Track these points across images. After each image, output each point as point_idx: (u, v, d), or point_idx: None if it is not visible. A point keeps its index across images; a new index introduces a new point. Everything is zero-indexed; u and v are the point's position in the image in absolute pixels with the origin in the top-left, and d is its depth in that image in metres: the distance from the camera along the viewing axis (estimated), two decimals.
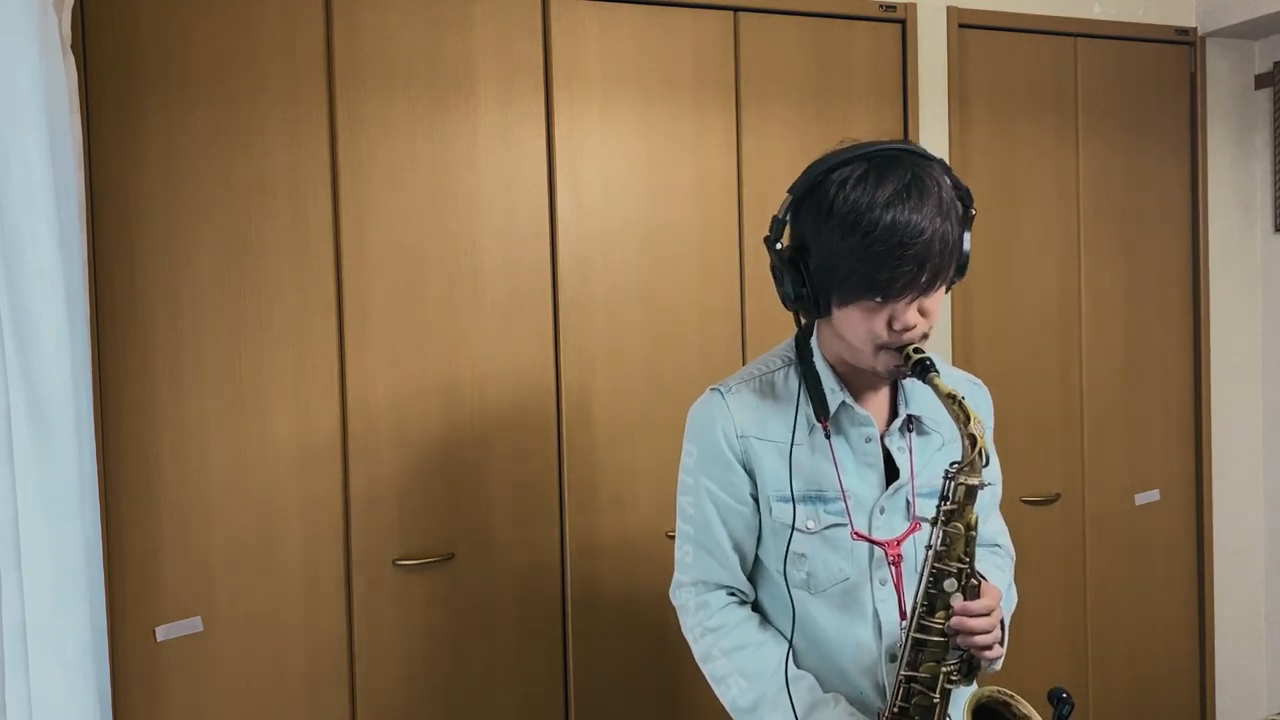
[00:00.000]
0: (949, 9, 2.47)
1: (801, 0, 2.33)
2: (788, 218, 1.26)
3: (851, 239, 1.16)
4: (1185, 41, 2.71)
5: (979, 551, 1.40)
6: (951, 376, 1.41)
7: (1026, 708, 1.24)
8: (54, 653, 1.38)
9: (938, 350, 2.35)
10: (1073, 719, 1.32)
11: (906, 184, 1.17)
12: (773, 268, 1.29)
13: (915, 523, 1.33)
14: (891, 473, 1.35)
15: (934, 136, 2.45)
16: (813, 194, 1.22)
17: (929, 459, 1.36)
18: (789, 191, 1.25)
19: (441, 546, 2.11)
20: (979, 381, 1.48)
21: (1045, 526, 2.60)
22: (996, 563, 1.44)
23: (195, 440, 1.94)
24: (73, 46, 1.69)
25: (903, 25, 2.43)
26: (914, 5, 2.44)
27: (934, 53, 2.46)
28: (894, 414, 1.37)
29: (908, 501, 1.34)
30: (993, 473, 1.43)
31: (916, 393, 1.37)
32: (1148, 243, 2.71)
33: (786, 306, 1.29)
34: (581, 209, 2.18)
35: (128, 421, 1.90)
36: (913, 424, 1.36)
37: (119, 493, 1.89)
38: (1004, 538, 1.50)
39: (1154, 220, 2.72)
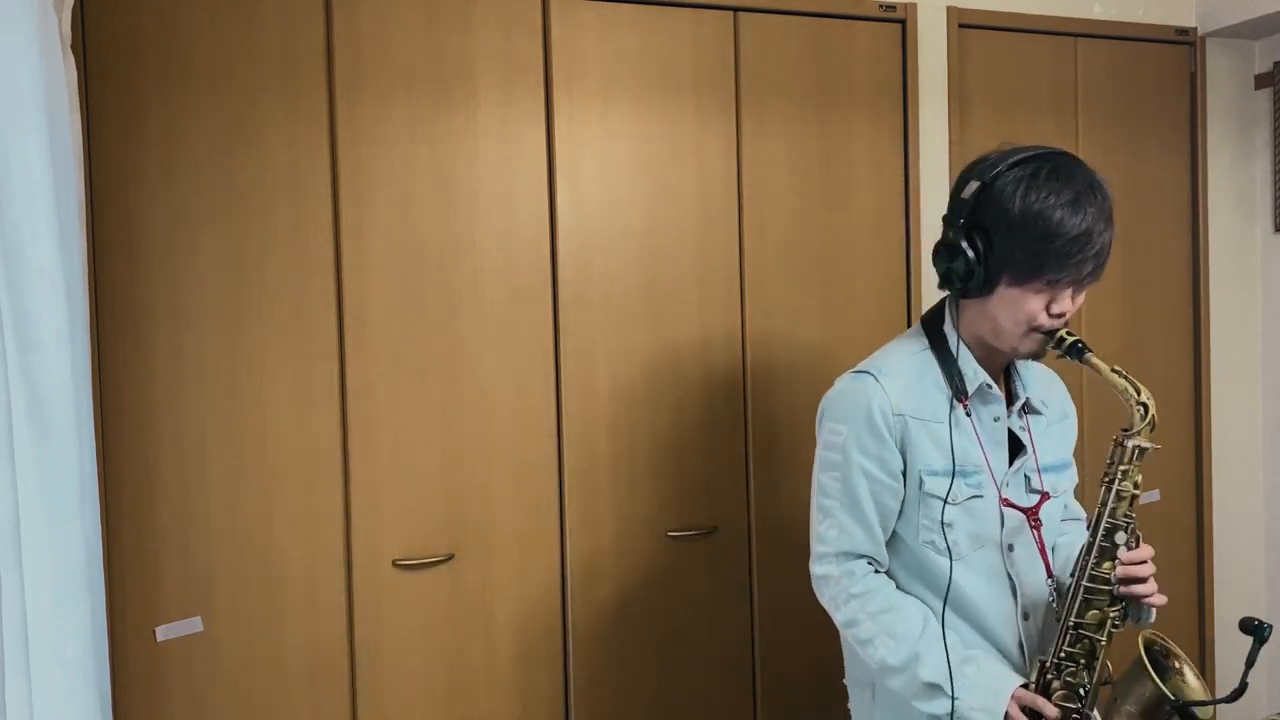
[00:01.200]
0: (949, 9, 2.47)
1: (801, 0, 2.33)
2: (971, 200, 1.39)
3: (1044, 227, 1.33)
4: (1185, 41, 2.71)
5: (1075, 525, 1.63)
6: (1033, 369, 1.59)
7: (1181, 654, 1.43)
8: (54, 653, 1.38)
9: None
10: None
11: (1090, 187, 1.37)
12: (945, 246, 1.42)
13: (1045, 494, 1.50)
14: (1012, 450, 1.50)
15: (934, 136, 2.45)
16: (997, 182, 1.37)
17: (1040, 437, 1.53)
18: (974, 177, 1.41)
19: (441, 546, 2.10)
20: (1054, 373, 1.64)
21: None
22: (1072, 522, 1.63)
23: (195, 440, 1.94)
24: (73, 46, 1.69)
25: (903, 25, 2.43)
26: (914, 5, 2.44)
27: (934, 53, 2.46)
28: (1011, 397, 1.53)
29: (1027, 476, 1.50)
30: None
31: (1029, 377, 1.55)
32: (1148, 243, 2.71)
33: (950, 282, 1.43)
34: (581, 209, 2.18)
35: (128, 421, 1.90)
36: (1026, 406, 1.53)
37: (119, 493, 1.89)
38: (1081, 511, 1.67)
39: (1154, 220, 2.72)
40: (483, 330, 2.12)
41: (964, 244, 1.39)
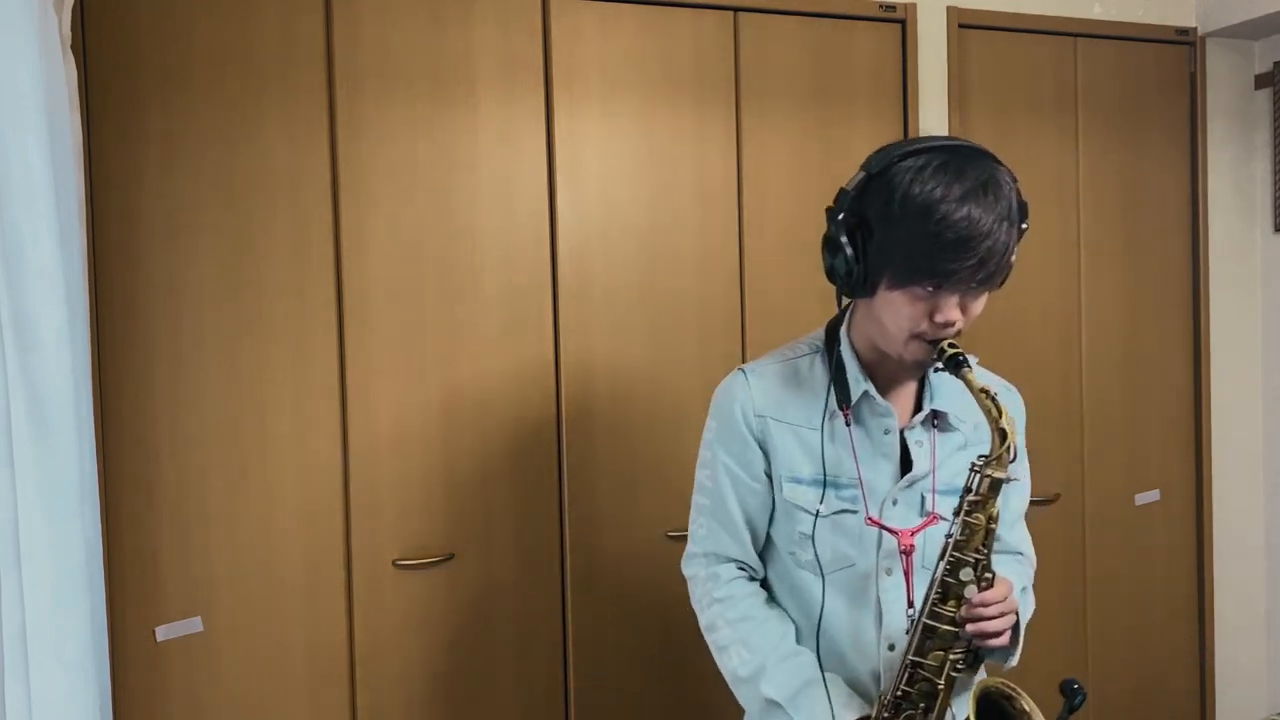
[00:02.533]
0: (949, 9, 2.47)
1: (801, 0, 2.33)
2: (855, 192, 1.26)
3: (923, 224, 1.18)
4: (1185, 41, 2.71)
5: (1002, 558, 1.43)
6: (985, 377, 1.40)
7: (1029, 703, 1.25)
8: (54, 653, 1.38)
9: None
10: (1073, 718, 1.32)
11: (983, 182, 1.19)
12: (828, 240, 1.30)
13: (932, 516, 1.34)
14: (908, 467, 1.36)
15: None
16: (886, 174, 1.22)
17: (949, 456, 1.37)
18: (863, 168, 1.26)
19: (441, 546, 2.10)
20: (1013, 387, 1.48)
21: (1045, 526, 2.60)
22: (1016, 570, 1.44)
23: (195, 440, 1.94)
24: (73, 46, 1.69)
25: (903, 25, 2.43)
26: (914, 5, 2.44)
27: (934, 53, 2.46)
28: (919, 408, 1.38)
29: (924, 496, 1.35)
30: (1025, 480, 1.45)
31: (943, 389, 1.38)
32: (1148, 242, 2.71)
33: (833, 281, 1.31)
34: (581, 208, 2.18)
35: (128, 421, 1.90)
36: (937, 420, 1.38)
37: (119, 493, 1.89)
38: (1027, 546, 1.50)
39: (1154, 220, 2.72)
40: (483, 329, 2.12)
41: (843, 239, 1.26)
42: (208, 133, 1.93)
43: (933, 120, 2.45)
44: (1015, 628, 1.30)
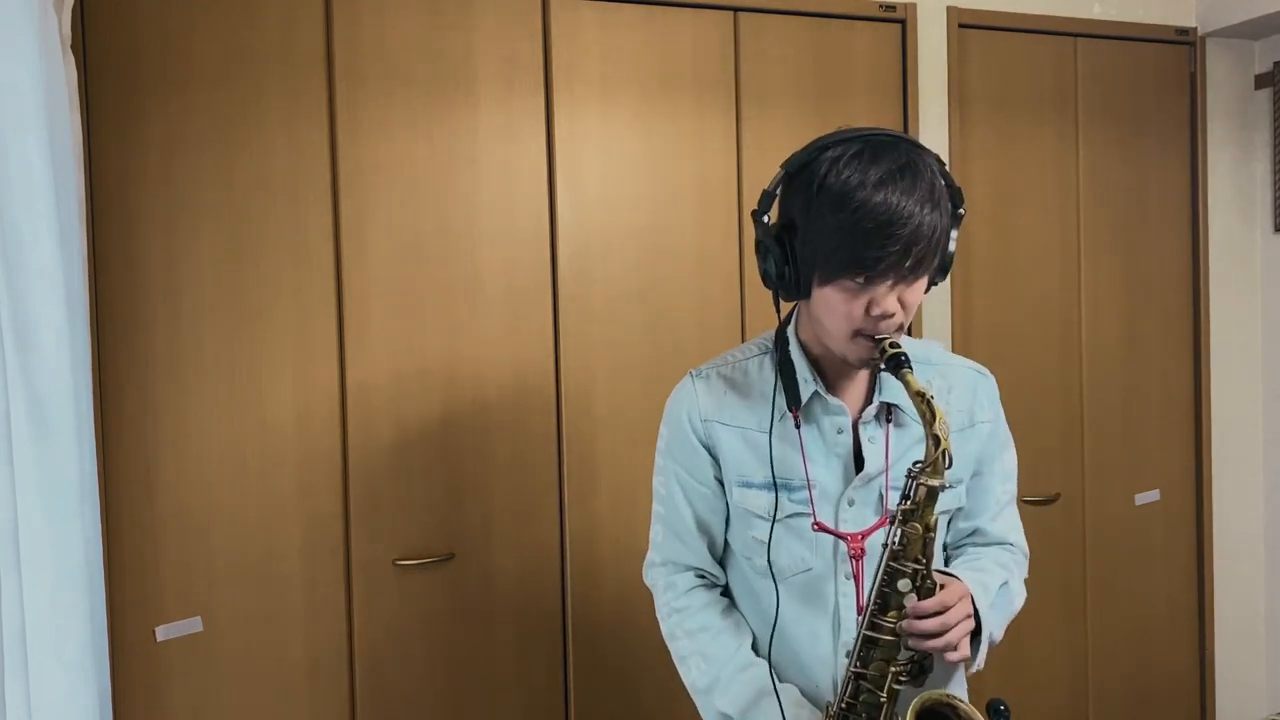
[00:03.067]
0: (949, 9, 2.47)
1: (801, 0, 2.33)
2: (777, 192, 1.24)
3: (840, 215, 1.15)
4: (1185, 41, 2.71)
5: (989, 549, 1.41)
6: (953, 364, 1.40)
7: (971, 711, 1.23)
8: (54, 653, 1.38)
9: None
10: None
11: (900, 166, 1.16)
12: (758, 244, 1.27)
13: (884, 517, 1.29)
14: (859, 465, 1.32)
15: (934, 136, 2.45)
16: (805, 170, 1.20)
17: (905, 451, 1.32)
18: (781, 166, 1.24)
19: (441, 546, 2.10)
20: (985, 370, 1.43)
21: (1045, 526, 2.60)
22: (1004, 560, 1.41)
23: (195, 440, 1.94)
24: (73, 46, 1.69)
25: (903, 25, 2.43)
26: (914, 5, 2.44)
27: (934, 53, 2.46)
28: (869, 400, 1.34)
29: (881, 494, 1.31)
30: (1008, 466, 1.43)
31: (894, 381, 1.32)
32: (1148, 243, 2.71)
33: (766, 285, 1.28)
34: (581, 208, 2.18)
35: (128, 421, 1.90)
36: (891, 415, 1.33)
37: (119, 493, 1.89)
38: (1016, 535, 1.47)
39: (1154, 220, 2.72)
40: (483, 329, 2.12)
41: (771, 241, 1.23)
42: (208, 132, 1.93)
43: (933, 120, 2.45)
44: (976, 632, 1.26)
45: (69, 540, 1.40)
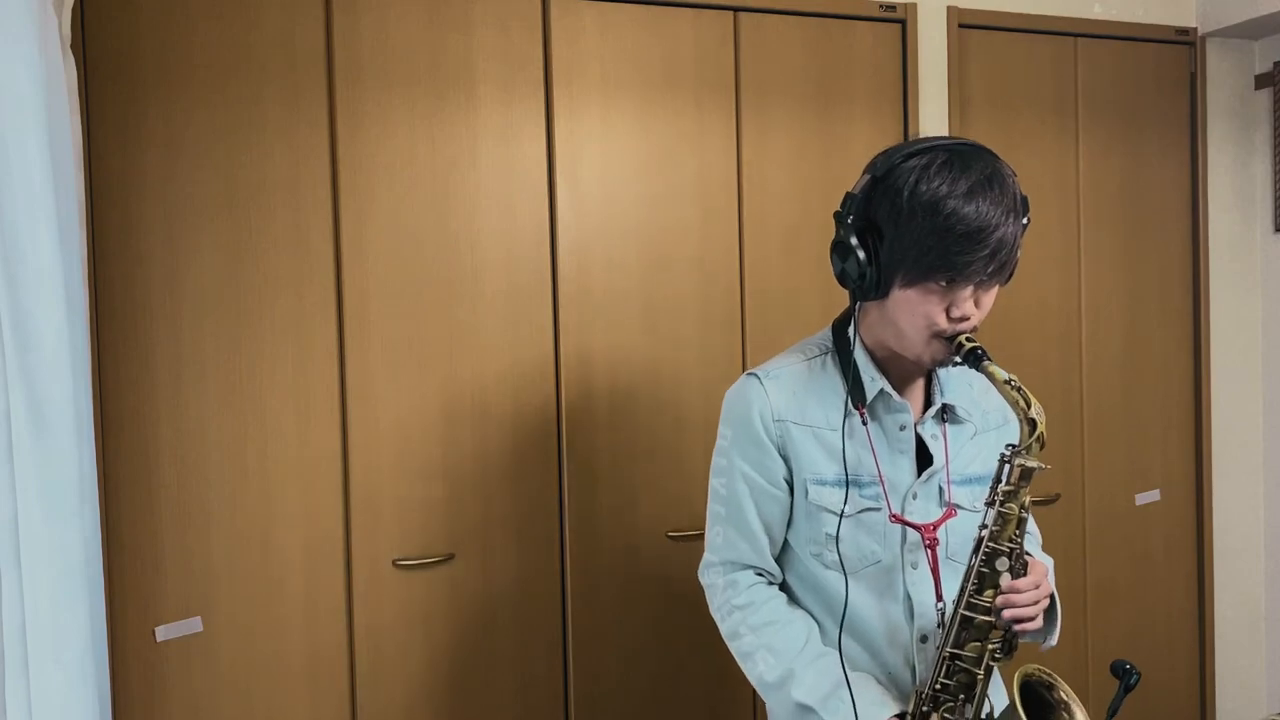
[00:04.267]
0: (949, 9, 2.47)
1: (801, 0, 2.33)
2: (863, 195, 1.28)
3: (932, 221, 1.21)
4: (1185, 41, 2.71)
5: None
6: (963, 372, 1.44)
7: (1067, 691, 1.28)
8: (53, 653, 1.38)
9: None
10: None
11: (988, 176, 1.23)
12: (837, 244, 1.32)
13: (950, 509, 1.37)
14: (923, 461, 1.38)
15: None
16: (891, 175, 1.25)
17: (961, 447, 1.40)
18: (868, 171, 1.29)
19: (441, 546, 2.10)
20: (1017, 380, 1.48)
21: (1045, 526, 2.56)
22: (1032, 544, 1.49)
23: (195, 440, 1.94)
24: (73, 46, 1.69)
25: (903, 25, 2.43)
26: (914, 5, 2.44)
27: (934, 53, 2.46)
28: (929, 403, 1.41)
29: (941, 488, 1.38)
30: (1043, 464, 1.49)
31: (951, 383, 1.42)
32: (1148, 242, 2.71)
33: (845, 284, 1.33)
34: (581, 208, 2.18)
35: (128, 421, 1.90)
36: (946, 413, 1.40)
37: (119, 493, 1.89)
38: (1032, 520, 1.51)
39: (1154, 220, 2.71)
40: (483, 329, 2.12)
41: (854, 242, 1.28)
42: (208, 133, 1.93)
43: (933, 120, 2.45)
44: (1051, 609, 1.34)
45: (69, 540, 1.40)
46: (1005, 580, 1.24)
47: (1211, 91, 2.74)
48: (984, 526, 1.26)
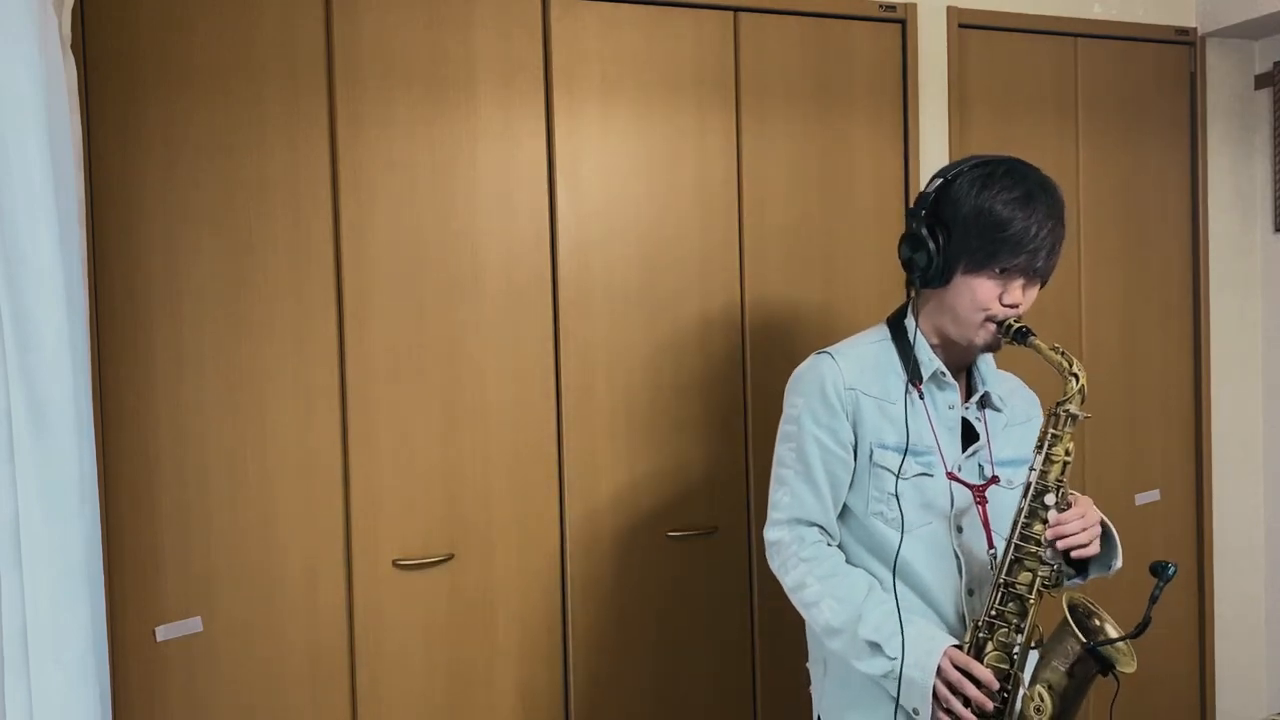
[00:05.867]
0: (949, 9, 2.47)
1: (801, 0, 2.33)
2: (934, 195, 1.52)
3: (995, 218, 1.46)
4: (1185, 41, 2.71)
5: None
6: (1006, 374, 1.70)
7: (1104, 615, 1.47)
8: (53, 653, 1.38)
9: None
10: None
11: (1042, 184, 1.52)
12: (909, 236, 1.53)
13: (994, 477, 1.58)
14: (967, 441, 1.59)
15: (934, 136, 2.45)
16: (960, 180, 1.50)
17: (997, 432, 1.61)
18: (938, 175, 1.54)
19: (441, 546, 2.10)
20: (1021, 381, 1.73)
21: None
22: None
23: (195, 440, 1.94)
24: (73, 46, 1.69)
25: (903, 25, 2.43)
26: (914, 5, 2.44)
27: (934, 53, 2.46)
28: (969, 391, 1.63)
29: (981, 465, 1.59)
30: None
31: (990, 376, 1.64)
32: (1148, 242, 2.71)
33: (911, 271, 1.54)
34: (581, 209, 2.18)
35: (128, 421, 1.90)
36: (986, 402, 1.62)
37: (119, 493, 1.89)
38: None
39: (1154, 220, 2.71)
40: (483, 330, 2.12)
41: (925, 234, 1.50)
42: (208, 133, 1.93)
43: (933, 120, 2.45)
44: (1107, 537, 1.52)
45: (69, 540, 1.40)
46: (1053, 515, 1.43)
47: (1211, 91, 2.74)
48: (1033, 469, 1.45)
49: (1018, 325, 1.49)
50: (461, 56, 2.09)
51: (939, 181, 1.53)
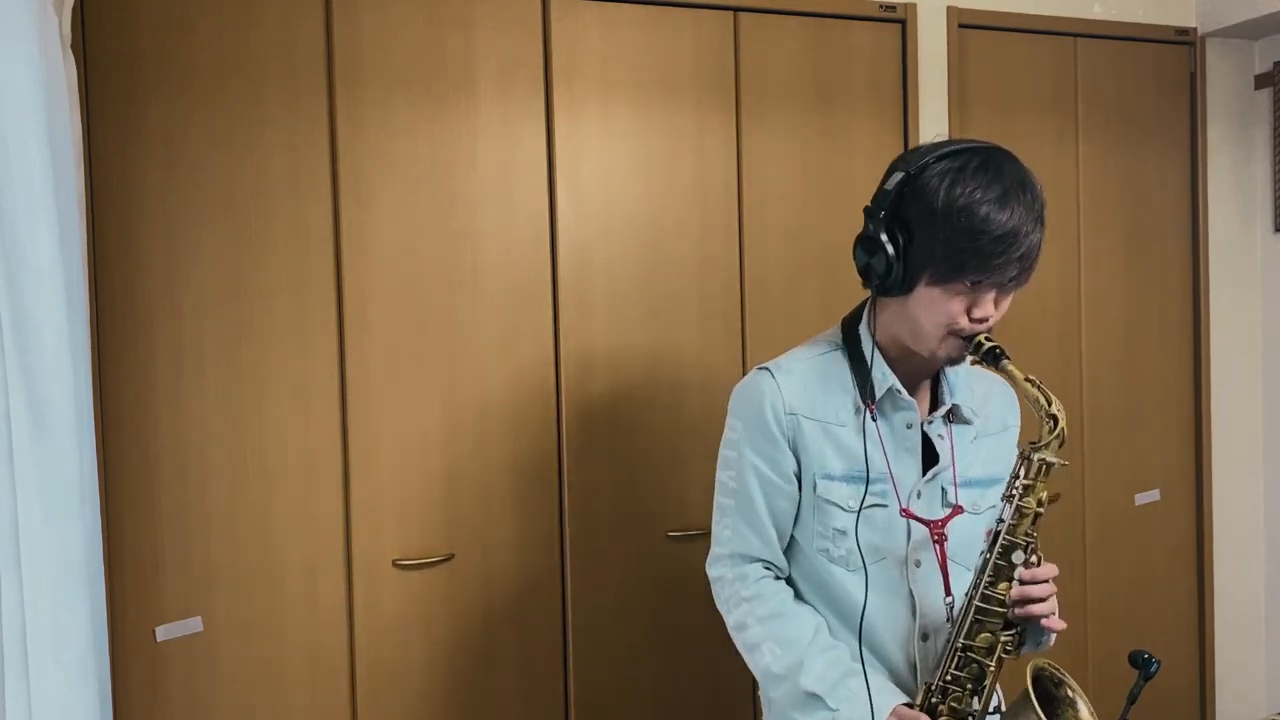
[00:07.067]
0: (949, 9, 2.47)
1: (801, 0, 2.33)
2: (895, 192, 1.29)
3: (967, 223, 1.22)
4: (1185, 41, 2.71)
5: None
6: (984, 373, 1.47)
7: (1075, 687, 1.31)
8: (53, 653, 1.38)
9: None
10: None
11: (1020, 182, 1.26)
12: (864, 239, 1.32)
13: (957, 508, 1.38)
14: (929, 460, 1.39)
15: (933, 137, 2.45)
16: (924, 175, 1.27)
17: (964, 449, 1.41)
18: (899, 168, 1.30)
19: (441, 546, 2.10)
20: (1001, 381, 1.50)
21: (1045, 526, 2.58)
22: None
23: (195, 440, 1.94)
24: (73, 46, 1.69)
25: (903, 25, 2.43)
26: (914, 5, 2.44)
27: (934, 53, 2.46)
28: (935, 403, 1.42)
29: (944, 489, 1.39)
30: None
31: (959, 384, 1.42)
32: (1148, 242, 2.71)
33: (868, 278, 1.34)
34: (581, 208, 2.18)
35: (128, 421, 1.90)
36: (952, 414, 1.41)
37: (119, 493, 1.89)
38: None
39: (1154, 220, 2.72)
40: (483, 330, 2.12)
41: (884, 238, 1.29)
42: (208, 133, 1.93)
43: (933, 120, 2.45)
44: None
45: (69, 540, 1.40)
46: (1021, 573, 1.26)
47: (1211, 91, 2.74)
48: (1000, 520, 1.28)
49: (989, 345, 1.27)
50: (461, 56, 2.09)
51: (900, 176, 1.29)
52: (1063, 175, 2.61)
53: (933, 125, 2.45)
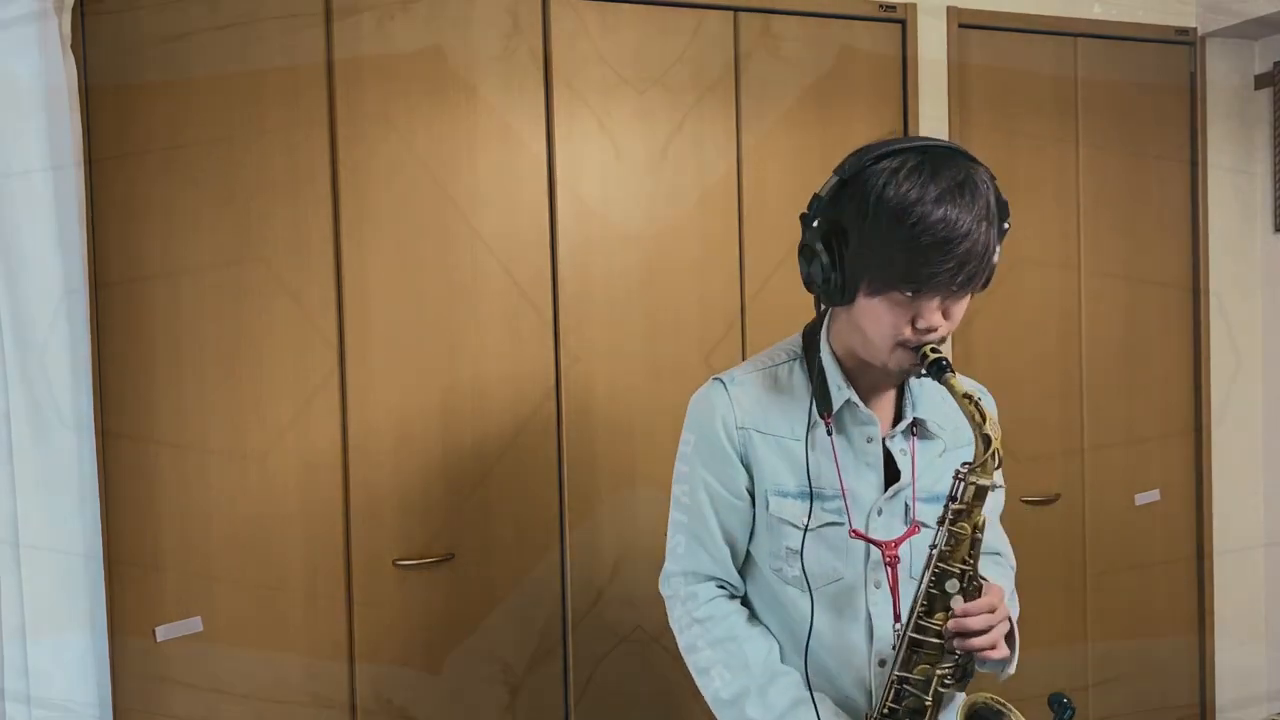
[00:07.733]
0: (949, 9, 2.47)
1: (801, 0, 2.33)
2: (829, 197, 1.22)
3: (898, 228, 1.14)
4: (1185, 41, 2.71)
5: (982, 560, 1.38)
6: (937, 386, 1.39)
7: (1016, 714, 1.23)
8: (53, 653, 1.38)
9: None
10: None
11: (960, 182, 1.15)
12: (803, 247, 1.26)
13: (914, 525, 1.31)
14: (891, 475, 1.33)
15: (934, 136, 2.45)
16: (860, 178, 1.18)
17: (930, 463, 1.34)
18: (836, 172, 1.22)
19: (441, 546, 2.11)
20: (984, 389, 1.43)
21: (1045, 526, 2.60)
22: (997, 571, 1.42)
23: (195, 440, 1.94)
24: (73, 46, 1.69)
25: (903, 25, 2.43)
26: (914, 5, 2.43)
27: (934, 53, 2.46)
28: (899, 416, 1.35)
29: (907, 505, 1.32)
30: (998, 481, 1.41)
31: (923, 396, 1.35)
32: (1148, 243, 2.71)
33: (810, 289, 1.27)
34: (581, 209, 2.18)
35: (128, 421, 1.89)
36: (916, 428, 1.34)
37: (119, 493, 1.89)
38: (1004, 546, 1.48)
39: (1154, 220, 2.71)
40: (483, 330, 2.12)
41: (819, 246, 1.21)
42: (208, 132, 1.93)
43: (933, 120, 2.45)
44: (1010, 636, 1.28)
45: (69, 540, 1.40)
46: (957, 603, 1.19)
47: (1211, 91, 2.74)
48: (934, 546, 1.21)
49: (934, 356, 1.19)
50: (461, 56, 2.09)
51: (834, 180, 1.22)
52: (1063, 175, 2.61)
53: (933, 125, 2.45)
